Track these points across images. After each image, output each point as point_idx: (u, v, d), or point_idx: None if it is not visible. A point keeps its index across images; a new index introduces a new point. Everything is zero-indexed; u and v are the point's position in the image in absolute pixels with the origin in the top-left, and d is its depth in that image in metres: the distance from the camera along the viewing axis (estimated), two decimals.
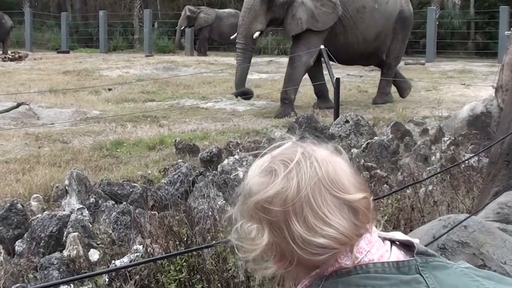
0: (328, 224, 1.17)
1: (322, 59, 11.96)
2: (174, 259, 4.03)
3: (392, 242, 1.25)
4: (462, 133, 8.30)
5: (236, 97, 12.57)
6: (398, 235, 1.28)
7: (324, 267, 1.20)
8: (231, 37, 13.23)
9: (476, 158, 6.12)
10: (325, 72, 12.54)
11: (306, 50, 12.02)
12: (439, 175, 5.58)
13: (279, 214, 1.18)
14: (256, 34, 11.70)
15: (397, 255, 1.22)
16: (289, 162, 1.21)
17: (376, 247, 1.22)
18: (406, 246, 1.24)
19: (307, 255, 1.18)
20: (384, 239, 1.25)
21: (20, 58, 24.49)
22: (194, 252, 4.02)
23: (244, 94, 12.22)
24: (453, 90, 15.17)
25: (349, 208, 1.19)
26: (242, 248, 1.24)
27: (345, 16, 12.31)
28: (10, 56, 24.67)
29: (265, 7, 11.63)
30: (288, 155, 1.23)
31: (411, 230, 3.81)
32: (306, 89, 13.84)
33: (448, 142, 7.76)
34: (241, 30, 11.87)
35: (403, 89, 13.77)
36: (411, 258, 1.21)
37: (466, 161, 5.91)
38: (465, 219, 2.87)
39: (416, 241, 1.25)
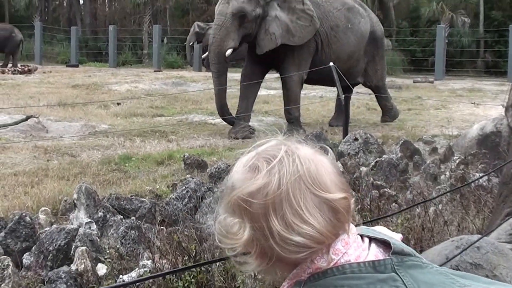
0: (305, 222, 1.18)
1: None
2: (183, 275, 4.01)
3: (372, 239, 1.27)
4: (472, 152, 8.26)
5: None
6: (380, 231, 1.32)
7: (301, 269, 1.22)
8: (202, 56, 12.82)
9: (486, 178, 6.09)
10: (334, 89, 12.55)
11: (295, 67, 11.66)
12: (448, 194, 5.55)
13: (259, 210, 1.20)
14: (229, 51, 11.05)
15: (375, 253, 1.24)
16: (272, 159, 1.24)
17: (353, 248, 1.23)
18: (385, 243, 1.26)
19: (285, 252, 1.20)
20: (363, 236, 1.27)
21: (29, 71, 24.62)
22: (203, 268, 4.00)
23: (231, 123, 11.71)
24: (462, 109, 15.14)
25: (328, 207, 1.21)
26: (224, 241, 1.27)
27: (320, 33, 11.90)
28: (19, 69, 24.80)
29: (237, 23, 11.08)
30: (272, 152, 1.26)
31: (421, 250, 3.79)
32: (314, 106, 13.85)
33: (457, 161, 7.73)
34: (212, 48, 11.29)
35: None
36: (387, 258, 1.23)
37: (476, 181, 5.88)
38: (477, 240, 2.84)
39: (394, 240, 1.27)
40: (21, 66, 25.82)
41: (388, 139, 10.69)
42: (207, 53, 11.78)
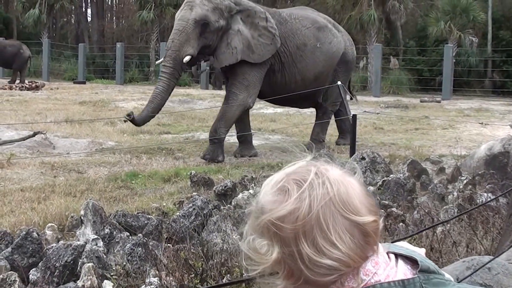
0: (335, 246, 1.19)
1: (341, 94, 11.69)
2: None
3: (398, 255, 1.29)
4: (480, 172, 8.24)
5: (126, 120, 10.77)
6: (404, 246, 1.35)
7: None
8: (157, 62, 11.98)
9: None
10: (341, 108, 12.53)
11: (243, 87, 10.95)
12: (455, 214, 5.53)
13: (290, 234, 1.21)
14: (187, 58, 10.34)
15: (404, 271, 1.26)
16: (302, 181, 1.24)
17: (382, 267, 1.24)
18: (411, 260, 1.28)
19: (314, 275, 1.20)
20: (389, 253, 1.29)
21: (37, 88, 24.75)
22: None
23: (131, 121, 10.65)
24: (470, 129, 15.13)
25: (359, 231, 1.21)
26: (251, 261, 1.27)
27: (284, 52, 11.31)
28: (27, 86, 24.93)
29: (198, 31, 10.45)
30: (302, 174, 1.25)
31: None
32: None
33: (465, 181, 7.70)
34: (169, 52, 10.53)
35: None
36: (415, 276, 1.24)
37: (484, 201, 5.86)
38: (489, 262, 2.83)
39: (420, 256, 1.29)
40: (28, 82, 25.97)
41: (395, 158, 10.68)
42: (162, 58, 10.96)
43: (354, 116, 10.31)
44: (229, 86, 11.22)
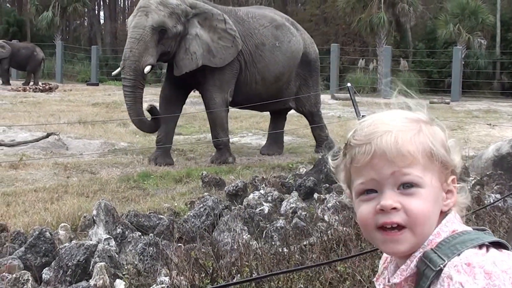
0: None
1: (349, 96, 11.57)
2: None
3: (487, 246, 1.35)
4: (488, 173, 8.25)
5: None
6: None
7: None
8: (113, 73, 11.47)
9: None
10: (351, 109, 12.55)
11: (217, 89, 10.62)
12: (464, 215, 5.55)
13: None
14: (148, 68, 9.91)
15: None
16: None
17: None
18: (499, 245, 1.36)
19: None
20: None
21: (50, 90, 24.91)
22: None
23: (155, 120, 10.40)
24: (478, 130, 15.11)
25: None
26: None
27: (244, 51, 10.85)
28: (40, 87, 25.09)
29: (156, 38, 9.93)
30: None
31: None
32: (333, 126, 13.87)
33: (473, 182, 7.73)
34: (128, 63, 9.93)
35: (272, 145, 12.00)
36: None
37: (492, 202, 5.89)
38: None
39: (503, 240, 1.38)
40: (42, 84, 26.13)
41: None
42: (119, 69, 10.44)
43: (364, 117, 10.29)
44: (203, 90, 10.78)
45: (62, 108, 18.23)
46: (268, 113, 12.74)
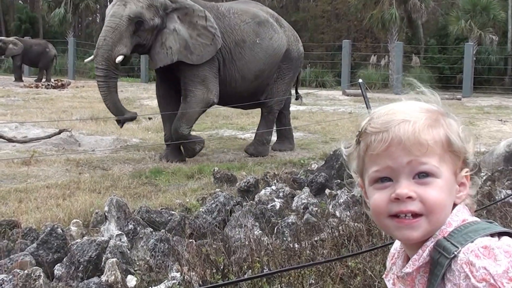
0: None
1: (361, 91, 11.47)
2: None
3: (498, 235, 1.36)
4: (499, 168, 8.22)
5: (120, 124, 10.73)
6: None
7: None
8: (85, 60, 11.44)
9: None
10: (363, 105, 12.52)
11: (198, 83, 10.34)
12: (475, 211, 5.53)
13: None
14: (119, 58, 9.73)
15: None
16: None
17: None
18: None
19: None
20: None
21: (62, 86, 24.98)
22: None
23: (129, 120, 10.77)
24: (490, 126, 15.04)
25: None
26: None
27: (222, 48, 10.58)
28: (53, 84, 25.18)
29: (132, 29, 9.82)
30: None
31: None
32: (343, 122, 13.85)
33: (484, 178, 7.69)
34: (101, 51, 9.82)
35: (283, 141, 11.94)
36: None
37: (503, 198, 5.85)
38: None
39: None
40: (54, 80, 26.24)
41: None
42: (91, 57, 10.43)
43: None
44: (184, 85, 10.46)
45: (74, 105, 18.29)
46: None
